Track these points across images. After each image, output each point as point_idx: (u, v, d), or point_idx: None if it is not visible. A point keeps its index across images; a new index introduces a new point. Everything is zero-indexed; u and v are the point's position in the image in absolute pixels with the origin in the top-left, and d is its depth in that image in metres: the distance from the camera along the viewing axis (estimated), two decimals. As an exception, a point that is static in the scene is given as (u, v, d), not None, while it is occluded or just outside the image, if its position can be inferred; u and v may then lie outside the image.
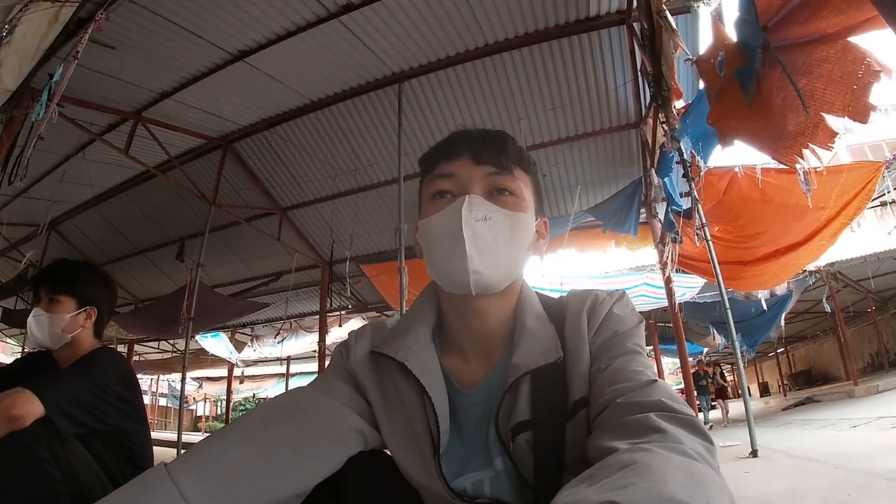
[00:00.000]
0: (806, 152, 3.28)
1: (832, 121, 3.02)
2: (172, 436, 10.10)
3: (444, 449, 0.90)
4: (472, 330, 0.99)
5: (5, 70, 3.27)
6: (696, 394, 11.44)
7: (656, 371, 0.86)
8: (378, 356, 0.98)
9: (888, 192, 7.18)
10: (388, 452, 0.98)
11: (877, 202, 8.12)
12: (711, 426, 10.86)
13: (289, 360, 17.99)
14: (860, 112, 2.78)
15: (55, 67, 3.90)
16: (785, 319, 12.44)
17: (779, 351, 25.08)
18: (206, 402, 32.36)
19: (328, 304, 11.00)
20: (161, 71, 6.24)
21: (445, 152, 0.99)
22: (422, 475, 0.91)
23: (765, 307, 10.81)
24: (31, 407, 1.55)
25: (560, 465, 0.86)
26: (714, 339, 13.52)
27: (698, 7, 3.69)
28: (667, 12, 4.54)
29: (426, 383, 0.91)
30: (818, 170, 4.05)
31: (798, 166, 3.55)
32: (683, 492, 0.51)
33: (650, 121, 6.59)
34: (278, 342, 14.07)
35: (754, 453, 4.58)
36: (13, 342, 16.38)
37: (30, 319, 1.93)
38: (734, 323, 5.40)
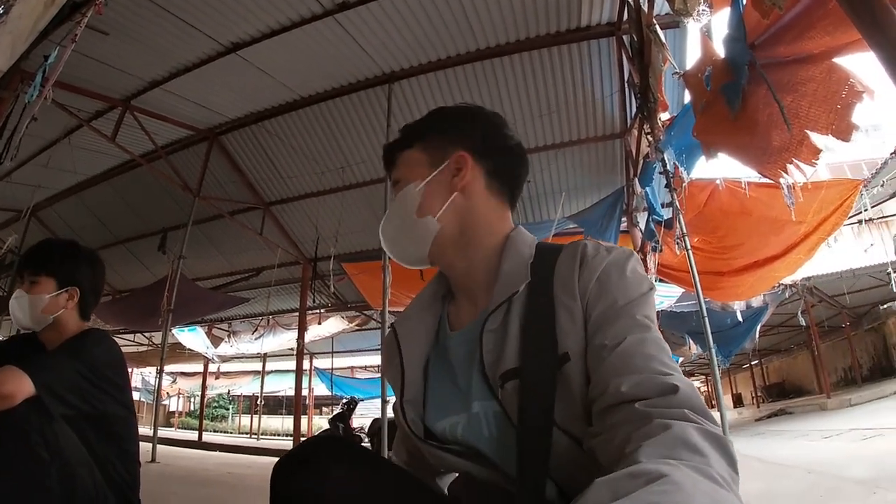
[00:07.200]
0: (790, 167, 3.36)
1: (816, 138, 3.10)
2: (145, 430, 9.97)
3: (408, 396, 0.99)
4: (454, 278, 1.08)
5: (-2, 50, 3.23)
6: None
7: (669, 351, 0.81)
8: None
9: (865, 210, 7.33)
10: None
11: (854, 220, 8.30)
12: None
13: (265, 356, 17.86)
14: (843, 130, 2.86)
15: (48, 50, 3.87)
16: (760, 332, 12.61)
17: (753, 363, 25.34)
18: (179, 397, 31.94)
19: (312, 301, 10.98)
20: (152, 59, 6.21)
21: None
22: (398, 417, 1.01)
23: (740, 319, 10.94)
24: (20, 385, 1.53)
25: (548, 416, 0.82)
26: (690, 348, 13.63)
27: (687, 22, 3.75)
28: (656, 26, 4.63)
29: (400, 334, 1.06)
30: (801, 184, 4.14)
31: (782, 180, 3.63)
32: None
33: (635, 131, 6.67)
34: (256, 338, 13.96)
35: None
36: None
37: (12, 301, 1.90)
38: (710, 333, 5.48)
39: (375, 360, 21.33)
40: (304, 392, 17.18)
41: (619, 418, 0.72)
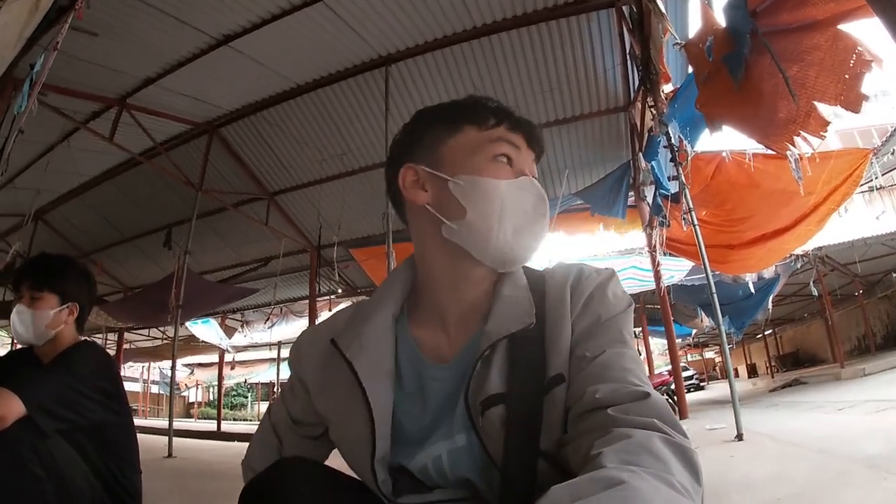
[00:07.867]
0: (797, 139, 3.28)
1: (824, 109, 3.01)
2: (165, 423, 10.05)
3: (380, 454, 0.87)
4: (461, 299, 0.96)
5: (-15, 62, 3.18)
6: None
7: (644, 358, 0.80)
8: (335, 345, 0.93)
9: (876, 178, 7.20)
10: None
11: (865, 187, 8.18)
12: None
13: (279, 344, 17.98)
14: (852, 101, 2.78)
15: (36, 57, 3.82)
16: (772, 302, 12.56)
17: (766, 333, 25.31)
18: (198, 388, 32.38)
19: (318, 289, 11.00)
20: (144, 57, 6.15)
21: (509, 119, 0.98)
22: (363, 474, 0.90)
23: (752, 290, 10.86)
24: (11, 407, 1.55)
25: (534, 444, 0.81)
26: (702, 320, 13.62)
27: (688, -9, 3.66)
28: (656, -5, 4.51)
29: (360, 371, 0.88)
30: (809, 156, 4.04)
31: (789, 153, 3.54)
32: None
33: (638, 104, 6.58)
34: (268, 327, 14.05)
35: (739, 437, 4.61)
36: (2, 333, 16.14)
37: (13, 316, 1.91)
38: (722, 305, 5.43)
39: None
40: (320, 378, 17.26)
41: (589, 424, 0.73)
